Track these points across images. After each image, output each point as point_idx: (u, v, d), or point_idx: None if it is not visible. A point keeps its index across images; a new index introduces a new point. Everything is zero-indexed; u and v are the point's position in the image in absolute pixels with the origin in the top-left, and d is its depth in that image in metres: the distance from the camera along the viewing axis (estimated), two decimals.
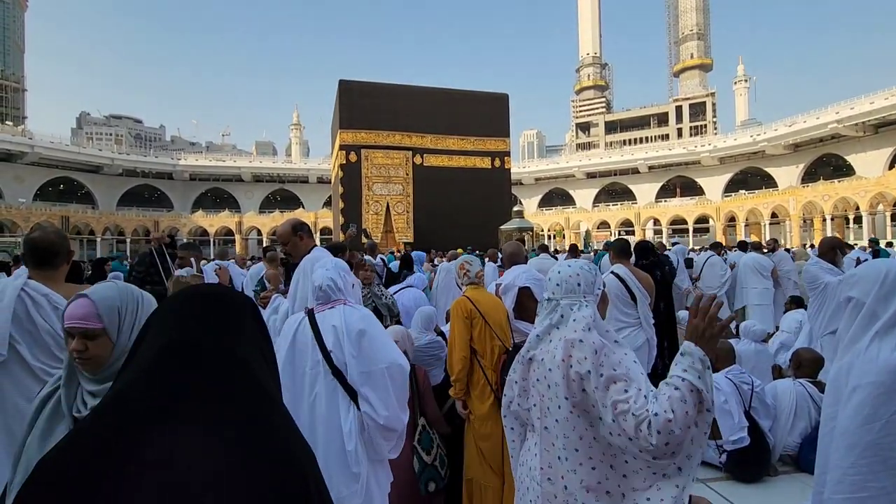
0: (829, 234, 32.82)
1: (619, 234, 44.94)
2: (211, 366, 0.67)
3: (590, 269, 1.54)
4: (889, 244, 12.23)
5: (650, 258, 4.32)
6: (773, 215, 40.19)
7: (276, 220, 47.41)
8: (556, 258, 6.87)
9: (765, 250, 8.63)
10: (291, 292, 2.90)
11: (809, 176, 44.52)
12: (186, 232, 46.90)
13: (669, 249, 7.87)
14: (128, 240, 45.34)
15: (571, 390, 1.39)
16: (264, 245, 39.12)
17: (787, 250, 9.43)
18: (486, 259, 7.26)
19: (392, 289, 4.96)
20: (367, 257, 5.49)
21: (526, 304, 3.00)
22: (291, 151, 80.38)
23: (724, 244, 13.28)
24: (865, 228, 32.36)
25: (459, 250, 9.84)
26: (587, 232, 41.47)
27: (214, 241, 46.56)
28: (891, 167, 36.10)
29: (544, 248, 8.20)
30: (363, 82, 23.95)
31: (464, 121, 24.33)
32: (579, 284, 1.50)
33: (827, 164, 44.38)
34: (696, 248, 21.35)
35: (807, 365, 3.51)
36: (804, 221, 38.05)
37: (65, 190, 49.26)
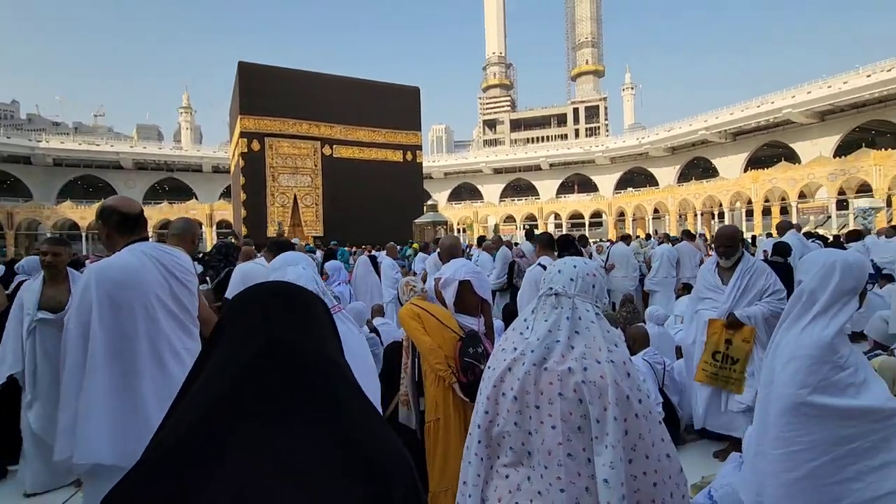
0: (698, 227, 37.50)
1: (525, 228, 47.32)
2: (313, 370, 0.65)
3: (604, 277, 1.39)
4: (754, 238, 14.20)
5: (571, 250, 4.55)
6: (656, 210, 44.93)
7: (164, 211, 42.90)
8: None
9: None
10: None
11: (684, 176, 50.56)
12: (51, 225, 40.68)
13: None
14: None
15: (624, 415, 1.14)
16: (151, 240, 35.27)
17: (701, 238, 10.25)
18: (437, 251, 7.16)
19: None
20: (318, 253, 5.09)
21: (466, 298, 3.00)
22: (181, 137, 73.01)
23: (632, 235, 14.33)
24: (727, 223, 37.41)
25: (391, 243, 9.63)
26: (495, 226, 43.05)
27: (87, 236, 40.95)
28: (746, 170, 42.12)
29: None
30: (266, 66, 22.44)
31: (375, 112, 23.88)
32: (594, 286, 1.29)
33: (697, 167, 50.64)
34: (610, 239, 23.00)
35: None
36: (680, 216, 42.99)
37: None
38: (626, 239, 9.49)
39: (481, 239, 10.63)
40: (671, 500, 1.14)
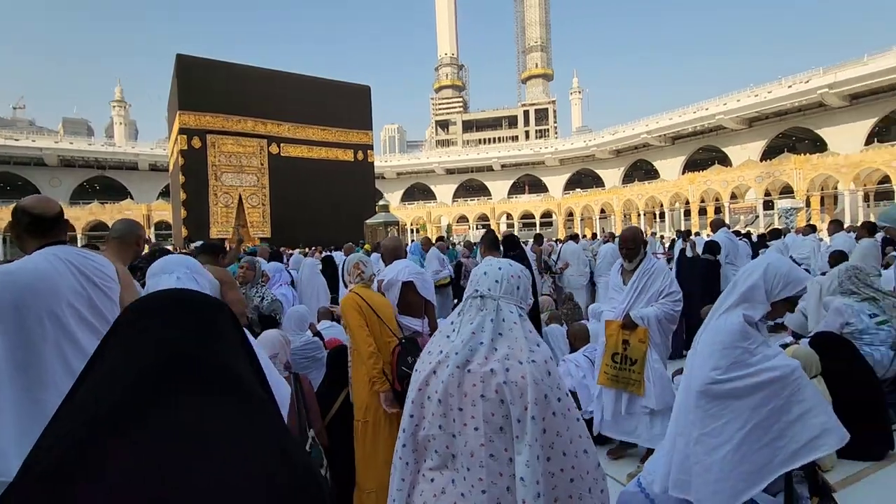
0: (643, 226, 39.36)
1: (477, 228, 47.89)
2: (215, 385, 0.60)
3: (529, 279, 1.39)
4: (688, 233, 15.02)
5: (516, 250, 4.64)
6: (602, 211, 46.72)
7: (94, 212, 40.06)
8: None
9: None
10: None
11: (628, 178, 52.92)
12: None
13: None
14: None
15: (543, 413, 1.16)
16: (80, 243, 32.88)
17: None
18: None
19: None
20: (255, 257, 4.84)
21: (409, 299, 2.98)
22: (114, 132, 68.38)
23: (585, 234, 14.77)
24: (667, 222, 39.47)
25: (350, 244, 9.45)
26: (448, 226, 43.26)
27: (4, 239, 37.53)
28: (683, 172, 44.61)
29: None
30: (207, 59, 21.38)
31: (324, 111, 23.35)
32: (518, 288, 1.32)
33: (640, 168, 53.10)
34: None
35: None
36: (625, 216, 44.91)
37: None
38: (574, 238, 9.85)
39: (439, 239, 10.66)
40: (588, 495, 1.18)
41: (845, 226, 9.00)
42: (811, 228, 9.28)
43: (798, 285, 1.87)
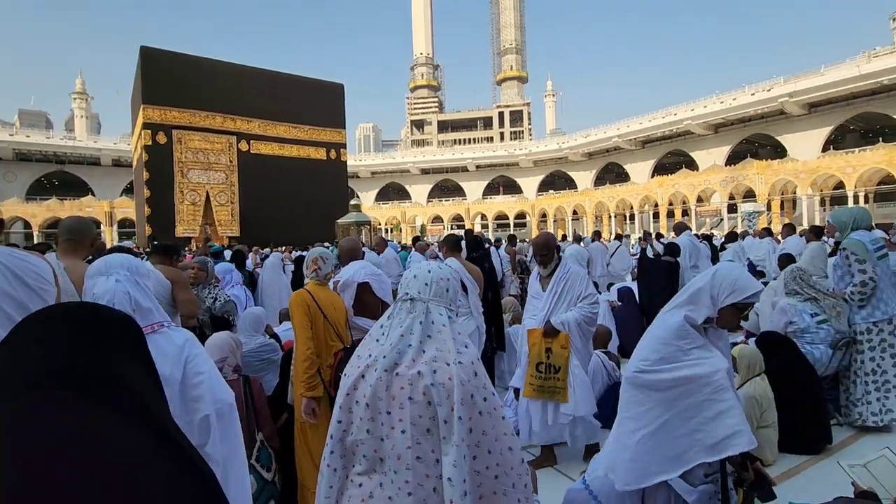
0: (613, 228, 40.21)
1: (452, 229, 47.97)
2: (92, 399, 0.57)
3: (458, 280, 1.38)
4: (648, 235, 15.38)
5: (479, 251, 4.66)
6: (575, 212, 47.50)
7: (52, 208, 38.38)
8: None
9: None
10: None
11: (600, 180, 53.96)
12: None
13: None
14: None
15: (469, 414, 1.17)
16: (37, 241, 31.51)
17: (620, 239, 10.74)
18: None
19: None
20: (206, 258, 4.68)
21: (365, 301, 2.95)
22: (75, 126, 65.57)
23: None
24: (637, 224, 40.42)
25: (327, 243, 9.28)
26: (422, 226, 43.23)
27: None
28: (653, 176, 45.78)
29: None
30: (173, 52, 20.75)
31: (296, 108, 22.99)
32: (447, 290, 1.31)
33: (612, 171, 54.24)
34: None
35: (601, 337, 4.21)
36: (596, 217, 45.78)
37: None
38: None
39: (416, 239, 10.61)
40: (513, 490, 1.20)
41: (798, 230, 9.40)
42: (767, 232, 9.66)
43: (744, 293, 1.87)
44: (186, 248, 14.13)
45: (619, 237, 11.25)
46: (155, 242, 3.74)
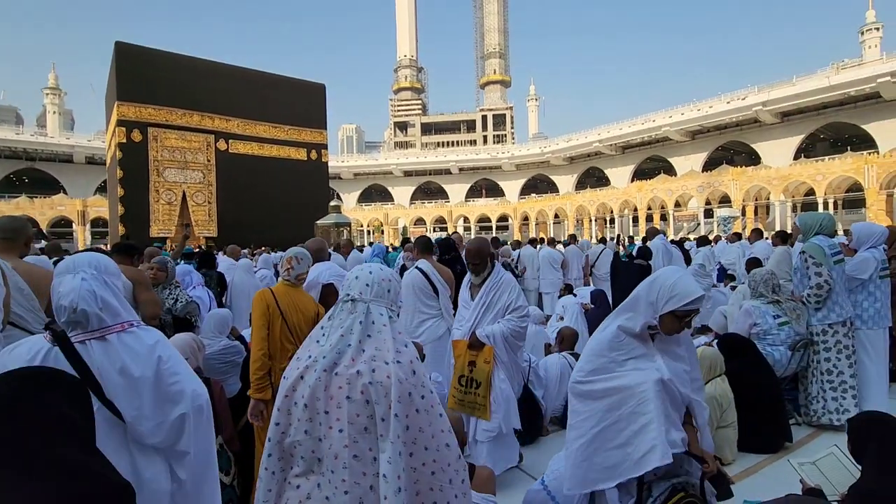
0: (594, 231, 40.74)
1: (435, 231, 47.99)
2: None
3: (399, 282, 1.39)
4: (619, 237, 15.67)
5: (451, 254, 4.67)
6: (556, 216, 47.96)
7: (21, 206, 37.16)
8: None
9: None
10: None
11: (581, 184, 54.63)
12: None
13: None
14: None
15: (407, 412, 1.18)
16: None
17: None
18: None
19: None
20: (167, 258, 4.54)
21: (329, 302, 2.93)
22: (47, 122, 63.60)
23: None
24: (617, 227, 41.02)
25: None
26: (405, 228, 43.13)
27: None
28: (632, 181, 46.56)
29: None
30: (150, 49, 20.29)
31: (277, 108, 22.69)
32: (389, 291, 1.32)
33: (592, 176, 54.96)
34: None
35: (567, 339, 4.25)
36: (577, 221, 46.32)
37: None
38: (532, 242, 10.14)
39: (405, 241, 10.56)
40: (449, 486, 1.21)
41: (765, 235, 9.67)
42: (737, 236, 9.91)
43: (683, 299, 1.76)
44: (163, 249, 13.81)
45: (602, 240, 11.40)
46: (116, 242, 3.63)
